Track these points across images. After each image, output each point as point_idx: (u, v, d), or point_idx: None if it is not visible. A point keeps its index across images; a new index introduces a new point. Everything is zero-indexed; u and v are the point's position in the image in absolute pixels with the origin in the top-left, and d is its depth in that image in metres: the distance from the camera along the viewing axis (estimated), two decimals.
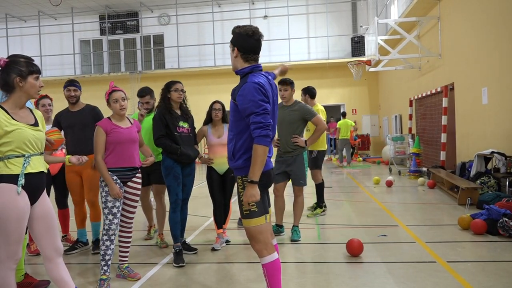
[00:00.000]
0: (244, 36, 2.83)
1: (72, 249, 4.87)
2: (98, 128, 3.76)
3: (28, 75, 2.75)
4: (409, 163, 12.11)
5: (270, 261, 2.77)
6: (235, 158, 2.81)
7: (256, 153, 2.64)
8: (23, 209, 2.69)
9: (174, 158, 4.34)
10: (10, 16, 19.39)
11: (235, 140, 2.83)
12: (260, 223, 2.77)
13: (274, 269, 2.78)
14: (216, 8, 18.77)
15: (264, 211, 2.80)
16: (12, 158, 2.68)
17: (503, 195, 6.04)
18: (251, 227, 2.78)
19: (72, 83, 4.84)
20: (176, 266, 4.17)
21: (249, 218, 2.77)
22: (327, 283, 3.66)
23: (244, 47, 2.83)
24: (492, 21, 7.56)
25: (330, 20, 18.07)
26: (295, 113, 5.06)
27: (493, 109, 7.57)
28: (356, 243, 4.31)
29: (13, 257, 2.71)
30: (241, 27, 2.88)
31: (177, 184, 4.39)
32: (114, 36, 19.69)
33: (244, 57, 2.84)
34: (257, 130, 2.64)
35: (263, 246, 2.78)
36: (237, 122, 2.81)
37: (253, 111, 2.66)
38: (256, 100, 2.67)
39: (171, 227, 4.39)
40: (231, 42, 2.92)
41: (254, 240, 2.80)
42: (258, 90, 2.69)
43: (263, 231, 2.78)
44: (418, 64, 12.06)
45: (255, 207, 2.74)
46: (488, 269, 3.85)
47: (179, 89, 4.44)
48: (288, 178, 5.18)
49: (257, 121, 2.65)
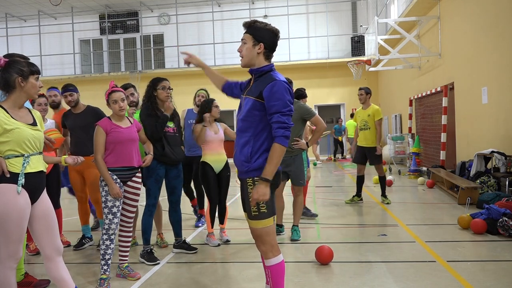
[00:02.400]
0: (272, 34, 2.75)
1: (80, 245, 4.96)
2: (98, 128, 3.76)
3: (30, 75, 2.76)
4: (409, 162, 12.11)
5: (275, 263, 2.71)
6: (253, 160, 2.69)
7: (275, 152, 2.58)
8: (24, 209, 2.69)
9: (158, 159, 4.23)
10: (10, 15, 19.38)
11: (253, 141, 2.70)
12: (268, 225, 2.69)
13: (279, 271, 2.73)
14: (216, 7, 18.77)
15: (273, 213, 2.73)
16: (11, 158, 2.68)
17: (503, 195, 6.04)
18: (258, 229, 2.70)
19: (66, 88, 4.85)
20: (151, 264, 4.20)
21: (257, 219, 2.69)
22: (327, 283, 3.66)
23: (270, 44, 2.74)
24: (492, 20, 7.55)
25: (330, 20, 18.06)
26: (294, 113, 5.02)
27: (493, 108, 7.57)
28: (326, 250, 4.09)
29: (14, 257, 2.71)
30: (264, 23, 2.76)
31: (158, 188, 4.30)
32: (114, 36, 19.68)
33: (267, 55, 2.76)
34: (281, 130, 2.59)
35: (269, 248, 2.71)
36: (257, 122, 2.68)
37: (280, 110, 2.60)
38: (285, 100, 2.61)
39: (144, 230, 4.33)
40: (253, 37, 2.71)
41: (261, 241, 2.73)
42: (287, 90, 2.65)
43: (270, 233, 2.71)
44: (418, 64, 12.06)
45: (264, 208, 2.67)
46: (488, 268, 3.85)
47: (166, 87, 4.26)
48: (287, 178, 5.18)
49: (282, 121, 2.59)
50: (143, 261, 4.28)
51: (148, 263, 4.21)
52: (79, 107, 4.84)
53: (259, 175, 2.63)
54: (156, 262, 4.21)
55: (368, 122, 7.06)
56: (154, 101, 4.28)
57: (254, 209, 2.68)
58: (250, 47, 2.72)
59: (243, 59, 2.77)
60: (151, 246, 4.37)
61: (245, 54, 2.75)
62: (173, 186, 4.45)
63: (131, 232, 3.99)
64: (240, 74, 21.82)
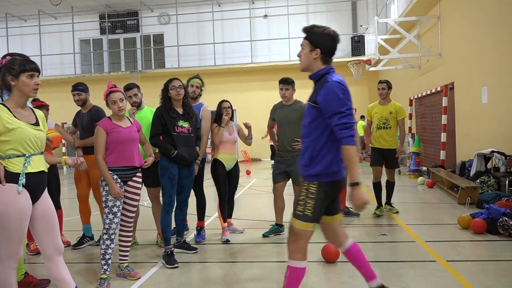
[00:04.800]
0: (330, 38, 2.74)
1: (80, 244, 4.97)
2: (98, 128, 3.76)
3: (20, 73, 2.72)
4: (409, 162, 12.11)
5: (296, 266, 2.73)
6: (314, 164, 2.70)
7: (348, 154, 2.57)
8: (25, 209, 2.69)
9: (169, 158, 4.26)
10: (10, 15, 19.38)
11: (312, 146, 2.71)
12: (305, 228, 2.69)
13: (297, 275, 2.74)
14: (216, 7, 18.76)
15: (315, 220, 2.71)
16: (12, 157, 2.68)
17: (503, 195, 6.05)
18: (296, 227, 2.71)
19: (75, 87, 4.88)
20: (170, 267, 4.11)
21: (298, 219, 2.69)
22: (327, 283, 3.67)
23: (328, 49, 2.73)
24: (492, 20, 7.55)
25: (330, 20, 18.05)
26: (295, 113, 5.04)
27: (493, 108, 7.57)
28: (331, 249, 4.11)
29: (14, 256, 2.72)
30: (322, 27, 2.77)
31: (172, 186, 4.28)
32: (114, 36, 19.68)
33: (324, 59, 2.75)
34: (344, 131, 2.57)
35: (297, 250, 2.72)
36: (316, 126, 2.70)
37: (338, 111, 2.58)
38: (341, 99, 2.60)
39: (163, 230, 4.33)
40: (310, 42, 2.75)
41: (293, 238, 2.73)
42: (341, 89, 2.63)
43: (304, 237, 2.71)
44: (418, 64, 12.06)
45: (310, 212, 2.67)
46: (488, 268, 3.85)
47: (176, 86, 4.27)
48: (288, 178, 5.18)
49: (342, 123, 2.57)
50: (163, 263, 4.22)
51: (167, 266, 4.14)
52: (86, 106, 4.89)
53: (315, 181, 2.66)
54: (175, 266, 4.12)
55: (390, 121, 6.17)
56: (169, 101, 4.31)
57: (300, 209, 2.70)
58: (307, 52, 2.76)
59: (301, 64, 2.82)
60: (171, 247, 4.33)
61: (303, 60, 2.79)
62: (182, 186, 4.41)
63: (131, 232, 3.99)
64: (240, 74, 21.80)
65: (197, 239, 5.09)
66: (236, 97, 17.82)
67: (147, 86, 13.35)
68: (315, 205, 2.68)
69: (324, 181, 2.69)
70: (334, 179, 2.71)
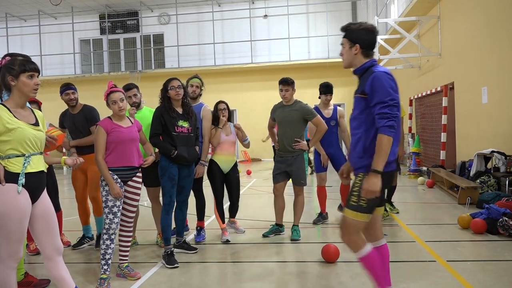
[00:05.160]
0: (367, 32, 2.83)
1: (79, 244, 4.96)
2: (99, 128, 3.76)
3: (20, 74, 2.72)
4: (409, 162, 12.11)
5: (364, 255, 2.74)
6: (367, 156, 2.72)
7: (381, 143, 2.60)
8: (24, 208, 2.69)
9: (170, 158, 4.26)
10: (10, 15, 19.37)
11: (364, 138, 2.75)
12: (358, 219, 2.70)
13: (369, 262, 2.75)
14: (216, 7, 18.76)
15: (369, 211, 2.72)
16: (12, 157, 2.68)
17: (503, 195, 6.05)
18: (349, 218, 2.73)
19: (69, 86, 4.85)
20: (170, 267, 4.11)
21: (353, 209, 2.71)
22: (327, 282, 3.67)
23: (366, 43, 2.83)
24: (492, 20, 7.56)
25: (330, 20, 18.05)
26: (295, 113, 5.04)
27: (493, 108, 7.57)
28: (332, 248, 4.14)
29: (14, 256, 2.72)
30: (358, 23, 2.87)
31: (172, 186, 4.28)
32: (114, 36, 19.67)
33: (365, 53, 2.83)
34: (382, 120, 2.60)
35: (353, 240, 2.74)
36: (366, 117, 2.74)
37: (381, 100, 2.62)
38: (386, 89, 2.64)
39: (163, 230, 4.34)
40: (348, 39, 2.84)
41: (344, 230, 2.75)
42: (388, 80, 2.68)
43: (356, 227, 2.73)
44: (418, 64, 12.06)
45: (364, 203, 2.68)
46: (488, 268, 3.85)
47: (175, 86, 4.27)
48: (288, 177, 5.18)
49: (384, 112, 2.61)
50: (163, 263, 4.22)
51: (167, 266, 4.14)
52: (77, 107, 4.85)
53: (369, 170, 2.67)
54: (175, 266, 4.12)
55: None
56: (168, 101, 4.31)
57: (354, 199, 2.71)
58: (347, 49, 2.86)
59: (344, 61, 2.92)
60: (171, 247, 4.33)
61: (345, 57, 2.90)
62: (181, 186, 4.41)
63: (131, 232, 3.99)
64: (240, 74, 21.79)
65: (197, 239, 5.09)
66: (236, 97, 17.84)
67: (147, 86, 13.37)
68: None
69: None
70: (387, 170, 2.70)
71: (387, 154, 2.61)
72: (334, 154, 5.81)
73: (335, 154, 5.81)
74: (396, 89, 2.69)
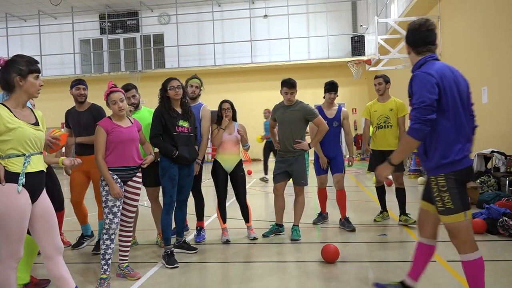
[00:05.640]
0: (412, 31, 2.85)
1: (79, 244, 4.94)
2: (98, 128, 3.76)
3: (28, 74, 2.76)
4: (409, 162, 12.11)
5: (469, 260, 2.71)
6: (429, 157, 2.76)
7: (404, 141, 2.72)
8: (24, 208, 2.70)
9: (170, 158, 4.25)
10: (10, 15, 19.38)
11: (426, 139, 2.76)
12: (457, 220, 2.68)
13: (474, 269, 2.71)
14: (216, 7, 18.77)
15: (463, 208, 2.69)
16: (12, 157, 2.69)
17: (503, 195, 6.05)
18: (448, 223, 2.73)
19: (81, 82, 4.78)
20: (170, 267, 4.11)
21: (443, 214, 2.72)
22: (327, 282, 3.66)
23: (413, 41, 2.85)
24: (491, 20, 7.56)
25: (330, 20, 18.07)
26: (296, 113, 5.03)
27: (493, 108, 7.57)
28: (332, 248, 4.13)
29: (14, 256, 2.72)
30: (411, 23, 2.89)
31: (172, 186, 4.27)
32: (114, 36, 19.69)
33: (416, 51, 2.86)
34: (411, 122, 2.65)
35: (461, 244, 2.72)
36: None
37: (413, 103, 2.64)
38: (419, 91, 2.64)
39: (163, 230, 4.33)
40: (405, 42, 2.95)
41: (452, 235, 2.75)
42: (425, 81, 2.66)
43: (461, 228, 2.69)
44: None
45: (450, 204, 2.68)
46: (488, 268, 3.81)
47: (174, 86, 4.26)
48: (289, 177, 5.18)
49: (413, 115, 2.63)
50: (163, 263, 4.21)
51: (167, 266, 4.13)
52: (85, 104, 4.78)
53: (440, 173, 2.69)
54: (175, 266, 4.11)
55: (391, 119, 5.64)
56: (168, 101, 4.29)
57: (439, 205, 2.72)
58: (407, 52, 2.95)
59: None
60: (171, 247, 4.32)
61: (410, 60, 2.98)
62: (181, 185, 4.40)
63: (131, 232, 3.99)
64: (240, 74, 21.82)
65: (197, 239, 5.08)
66: (236, 97, 17.80)
67: (147, 86, 13.39)
68: (452, 195, 2.68)
69: (450, 171, 2.69)
70: (459, 167, 2.69)
71: (407, 152, 2.73)
72: (333, 158, 5.60)
73: (334, 158, 5.59)
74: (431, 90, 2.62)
